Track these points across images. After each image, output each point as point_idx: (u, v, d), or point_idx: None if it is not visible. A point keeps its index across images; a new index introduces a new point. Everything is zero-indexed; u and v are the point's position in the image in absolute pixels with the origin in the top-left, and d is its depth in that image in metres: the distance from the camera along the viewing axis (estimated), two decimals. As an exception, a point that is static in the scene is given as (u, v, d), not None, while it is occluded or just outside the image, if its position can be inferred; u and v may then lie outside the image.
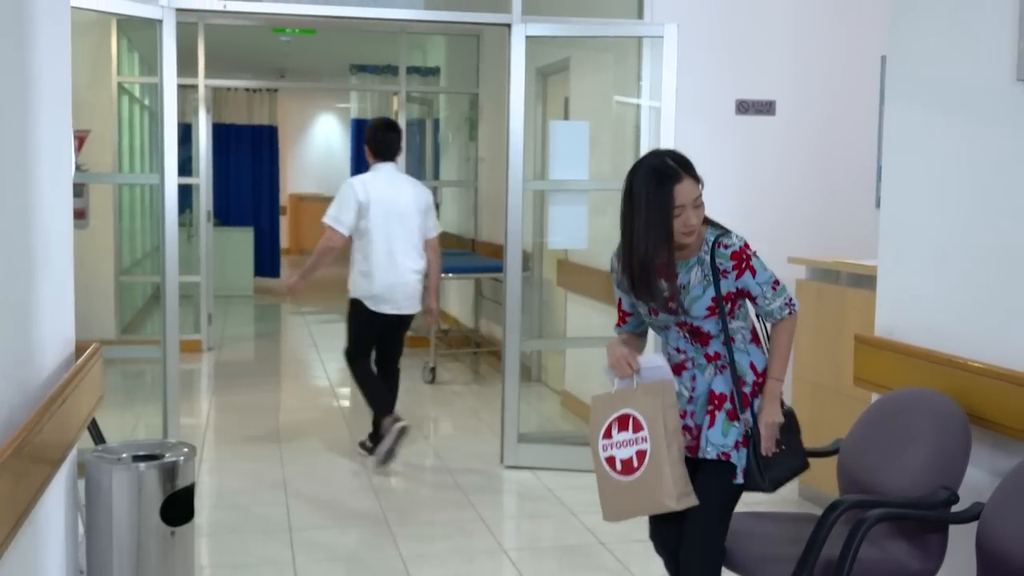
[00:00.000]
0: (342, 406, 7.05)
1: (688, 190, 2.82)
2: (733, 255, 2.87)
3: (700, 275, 2.89)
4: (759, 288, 2.90)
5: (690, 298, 2.89)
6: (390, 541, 4.35)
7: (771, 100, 5.60)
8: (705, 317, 2.89)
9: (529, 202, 6.88)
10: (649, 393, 2.83)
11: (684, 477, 2.80)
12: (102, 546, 2.96)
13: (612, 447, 2.84)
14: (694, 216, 2.82)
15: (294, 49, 11.82)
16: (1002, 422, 2.90)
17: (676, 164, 2.85)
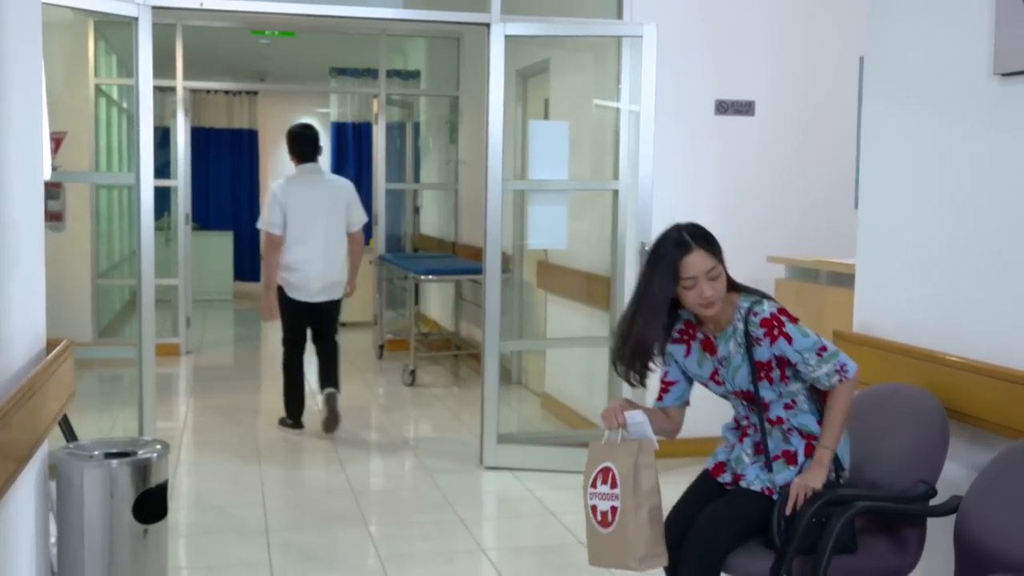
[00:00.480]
0: (322, 408, 6.99)
1: (699, 262, 2.77)
2: (763, 323, 2.80)
3: (736, 345, 2.86)
4: (798, 355, 2.79)
5: (732, 368, 2.88)
6: (368, 542, 4.31)
7: (750, 101, 5.60)
8: (751, 383, 2.86)
9: (509, 203, 6.87)
10: (627, 451, 2.80)
11: (651, 540, 2.78)
12: (73, 544, 2.91)
13: (595, 497, 2.83)
14: (708, 288, 2.78)
15: (274, 52, 11.76)
16: (980, 415, 2.90)
17: (690, 236, 2.80)
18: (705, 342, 2.94)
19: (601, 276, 5.80)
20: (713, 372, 2.94)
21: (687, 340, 2.97)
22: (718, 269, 2.80)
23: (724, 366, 2.89)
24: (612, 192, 5.58)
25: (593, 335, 5.98)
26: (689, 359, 2.97)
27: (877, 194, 3.53)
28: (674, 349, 2.99)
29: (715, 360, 2.92)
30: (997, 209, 2.94)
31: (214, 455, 5.72)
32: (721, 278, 2.82)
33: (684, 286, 2.78)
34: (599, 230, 5.95)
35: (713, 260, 2.79)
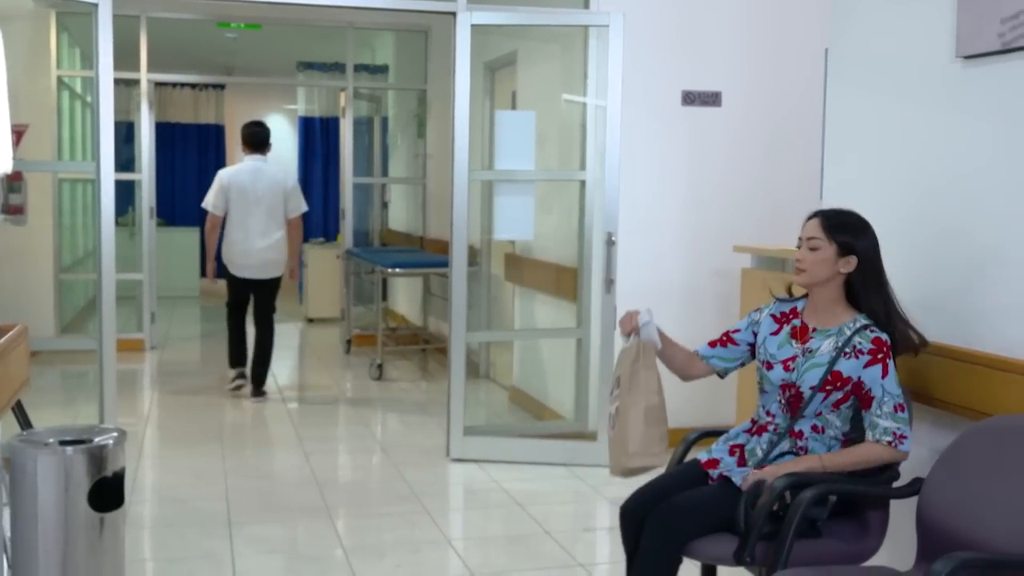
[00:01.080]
0: (287, 403, 6.94)
1: (809, 227, 2.89)
2: (875, 340, 2.79)
3: (832, 346, 2.84)
4: (881, 391, 2.75)
5: (810, 363, 2.85)
6: (332, 533, 4.27)
7: (717, 92, 5.60)
8: (812, 387, 2.82)
9: (477, 196, 6.84)
10: (628, 355, 2.89)
11: (646, 437, 2.81)
12: (28, 533, 2.86)
13: (610, 404, 2.95)
14: (803, 252, 2.87)
15: (241, 46, 11.66)
16: (942, 398, 2.91)
17: (826, 210, 2.93)
18: (801, 329, 2.92)
19: (569, 267, 5.78)
20: (788, 359, 2.89)
21: (783, 322, 2.98)
22: (819, 242, 2.83)
23: (805, 357, 2.86)
24: (579, 183, 5.56)
25: (561, 327, 5.97)
26: (773, 337, 2.97)
27: (841, 179, 3.54)
28: (764, 320, 3.02)
29: (800, 349, 2.88)
30: (958, 192, 2.94)
31: (178, 449, 5.65)
32: (818, 254, 2.83)
33: (797, 244, 2.92)
34: (566, 222, 5.93)
35: (820, 233, 2.84)
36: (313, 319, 10.47)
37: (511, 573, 3.90)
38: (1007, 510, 2.40)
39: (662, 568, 2.77)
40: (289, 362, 8.82)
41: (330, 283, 10.14)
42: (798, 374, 2.87)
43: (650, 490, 2.96)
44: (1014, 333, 2.71)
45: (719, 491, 2.88)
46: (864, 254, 2.84)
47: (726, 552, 2.76)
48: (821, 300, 2.90)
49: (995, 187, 2.80)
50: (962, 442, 2.63)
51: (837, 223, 2.86)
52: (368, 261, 8.29)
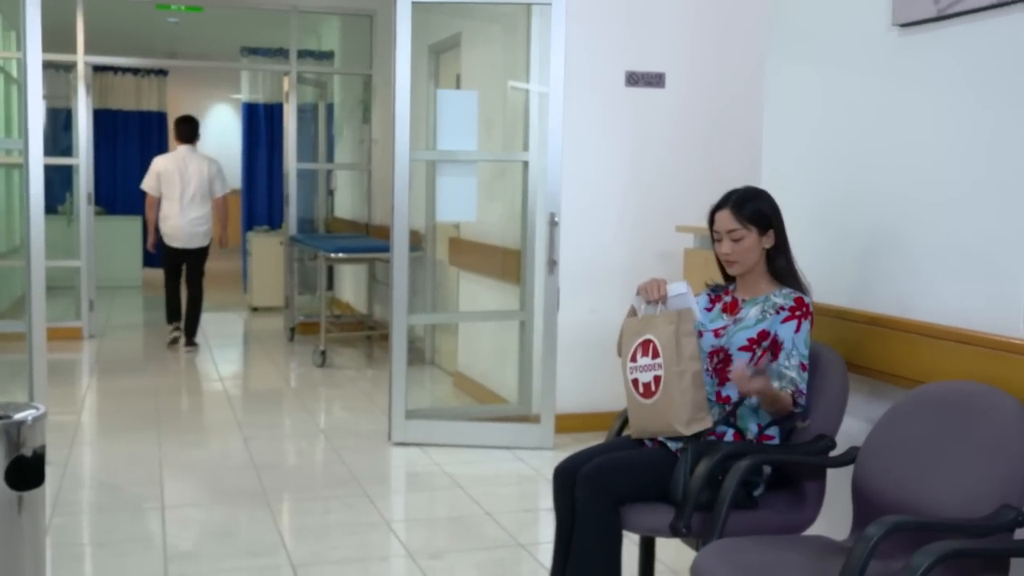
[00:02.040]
0: (228, 390, 6.83)
1: (723, 220, 2.94)
2: (797, 299, 2.87)
3: (759, 311, 2.90)
4: (791, 343, 2.82)
5: (739, 327, 2.90)
6: (268, 516, 4.18)
7: (661, 73, 5.57)
8: (740, 348, 2.87)
9: (421, 181, 6.78)
10: (668, 321, 2.85)
11: (696, 403, 2.80)
12: (-60, 513, 2.75)
13: (636, 370, 2.89)
14: (728, 246, 2.92)
15: (183, 32, 11.47)
16: (878, 368, 2.91)
17: (734, 196, 2.96)
18: (731, 304, 3.00)
19: (512, 250, 5.73)
20: (720, 328, 2.96)
21: (716, 300, 3.05)
22: (740, 233, 2.90)
23: (736, 325, 2.92)
24: (522, 164, 5.51)
25: (504, 307, 5.92)
26: (707, 312, 3.04)
27: (780, 153, 3.52)
28: (701, 298, 3.07)
29: (730, 320, 2.95)
30: (895, 162, 2.94)
31: (113, 436, 5.53)
32: (744, 243, 2.90)
33: (714, 238, 2.99)
34: (510, 204, 5.88)
35: (737, 224, 2.90)
36: (257, 308, 10.32)
37: (450, 553, 3.84)
38: (939, 476, 2.40)
39: (600, 523, 2.75)
40: (231, 351, 8.69)
41: (274, 271, 10.00)
42: (727, 339, 2.91)
43: (585, 453, 2.94)
44: (948, 301, 2.71)
45: (654, 454, 2.86)
46: (777, 224, 2.93)
47: (662, 523, 2.74)
48: (750, 278, 2.98)
49: (932, 155, 2.79)
50: (896, 411, 2.62)
51: (746, 206, 2.91)
52: (311, 247, 8.18)
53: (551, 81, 5.10)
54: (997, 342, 2.49)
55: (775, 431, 2.87)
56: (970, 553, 2.14)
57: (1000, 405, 2.35)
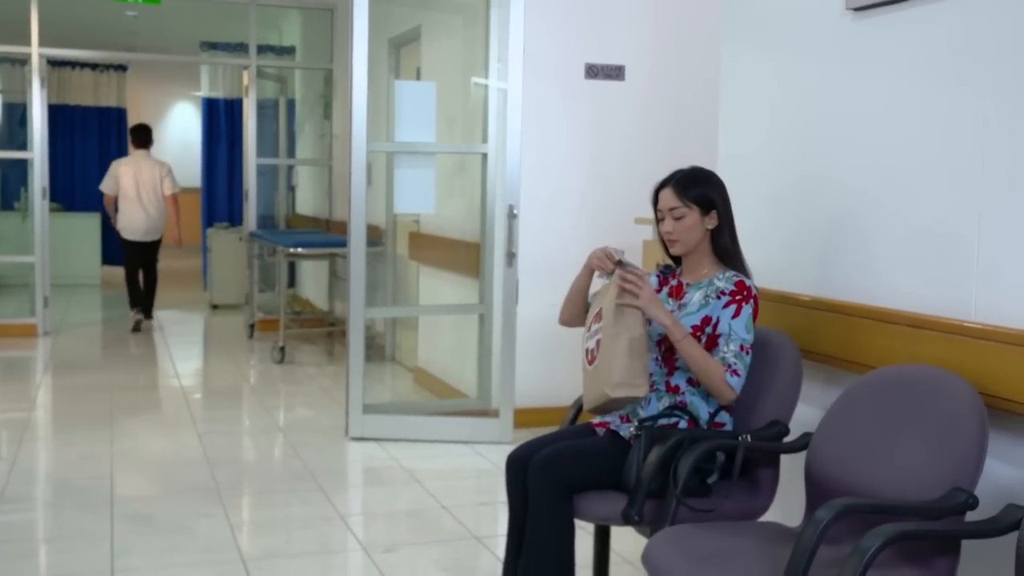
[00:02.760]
0: (184, 387, 6.73)
1: (665, 198, 2.90)
2: (738, 283, 2.82)
3: (703, 296, 2.86)
4: (728, 328, 2.78)
5: (684, 312, 2.86)
6: (220, 511, 4.11)
7: (620, 65, 5.55)
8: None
9: (382, 175, 6.71)
10: (612, 287, 2.82)
11: (629, 368, 2.71)
12: None
13: (587, 339, 2.87)
14: (670, 224, 2.89)
15: (142, 27, 11.33)
16: (832, 354, 2.89)
17: (678, 175, 2.92)
18: (677, 287, 2.96)
19: (472, 243, 5.68)
20: None
21: (665, 283, 3.01)
22: (682, 211, 2.86)
23: (680, 311, 2.87)
24: (481, 156, 5.47)
25: (461, 300, 5.88)
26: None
27: (735, 139, 3.51)
28: (651, 281, 3.02)
29: (676, 305, 2.91)
30: (850, 147, 2.92)
31: (65, 433, 5.42)
32: (685, 222, 2.86)
33: (657, 216, 2.95)
34: (470, 198, 5.84)
35: (678, 202, 2.86)
36: (218, 306, 10.21)
37: (404, 547, 3.79)
38: (891, 460, 2.37)
39: (553, 512, 2.72)
40: (189, 348, 8.58)
41: (235, 269, 9.89)
42: None
43: (538, 441, 2.90)
44: (902, 286, 2.69)
45: (606, 442, 2.83)
46: (722, 205, 2.89)
47: (615, 511, 2.70)
48: (693, 258, 2.94)
49: (886, 140, 2.78)
50: (848, 395, 2.59)
51: (689, 185, 2.88)
52: (271, 242, 8.09)
53: (510, 72, 5.06)
54: (950, 326, 2.48)
55: (726, 418, 2.85)
56: (920, 535, 2.12)
57: (952, 389, 2.33)
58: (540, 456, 2.77)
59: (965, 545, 2.24)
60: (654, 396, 2.88)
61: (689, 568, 2.27)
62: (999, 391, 2.31)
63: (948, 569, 2.21)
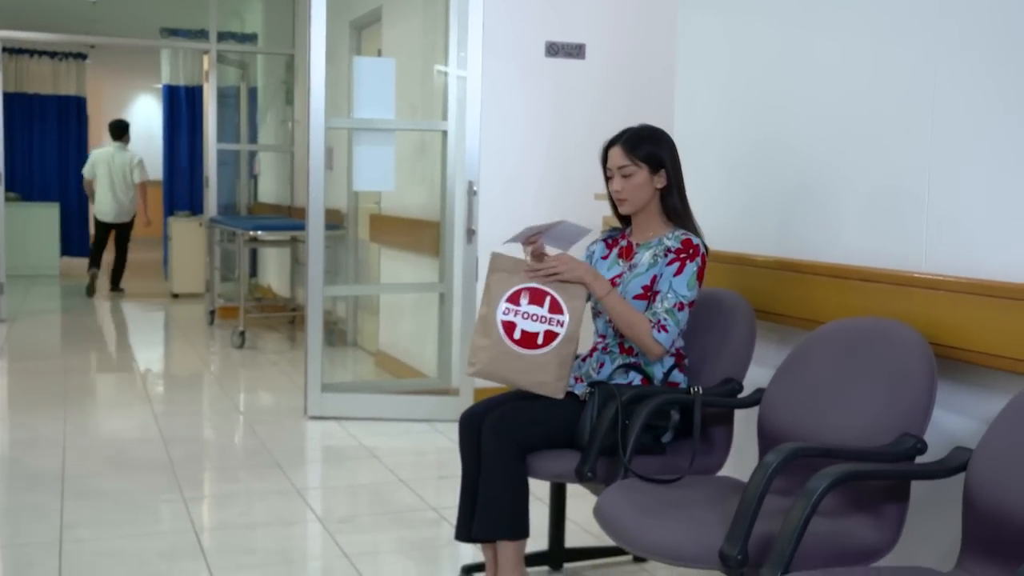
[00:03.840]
0: (141, 370, 6.64)
1: (614, 156, 2.87)
2: (684, 241, 2.81)
3: (652, 255, 2.84)
4: (667, 285, 2.77)
5: (633, 275, 2.84)
6: (174, 485, 4.05)
7: (581, 44, 5.54)
8: (635, 297, 2.80)
9: (343, 160, 6.66)
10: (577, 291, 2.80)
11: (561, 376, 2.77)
12: None
13: (516, 315, 2.78)
14: (618, 183, 2.86)
15: (102, 14, 11.19)
16: (786, 312, 2.89)
17: (626, 134, 2.90)
18: (626, 248, 2.94)
19: (433, 222, 5.65)
20: (616, 276, 2.89)
21: (613, 245, 3.00)
22: (631, 169, 2.84)
23: (631, 272, 2.86)
24: (441, 134, 5.44)
25: (421, 279, 5.85)
26: (604, 260, 2.98)
27: (690, 103, 3.50)
28: (597, 247, 3.04)
29: (627, 266, 2.89)
30: (801, 108, 2.92)
31: (16, 412, 5.33)
32: (634, 180, 2.85)
33: (606, 175, 2.92)
34: (431, 178, 5.80)
35: (627, 160, 2.84)
36: (179, 295, 10.10)
37: (361, 517, 3.75)
38: (841, 409, 2.37)
39: (507, 471, 2.70)
40: (148, 335, 8.48)
41: (196, 257, 9.79)
42: (623, 287, 2.85)
43: (492, 400, 2.89)
44: (855, 242, 2.69)
45: (560, 402, 2.80)
46: (671, 164, 2.88)
47: (568, 468, 2.68)
48: (643, 218, 2.92)
49: (838, 99, 2.78)
50: (800, 350, 2.59)
51: (639, 143, 2.86)
52: (230, 226, 8.01)
53: (469, 49, 5.03)
54: (900, 277, 2.48)
55: (680, 377, 2.84)
56: (868, 475, 2.11)
57: (902, 337, 2.33)
58: (494, 416, 2.75)
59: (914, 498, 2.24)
60: (608, 358, 2.87)
61: (640, 518, 2.25)
62: (948, 340, 2.32)
63: (897, 515, 2.21)
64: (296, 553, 3.44)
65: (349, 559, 3.29)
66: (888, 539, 2.20)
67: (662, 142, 2.88)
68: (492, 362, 2.78)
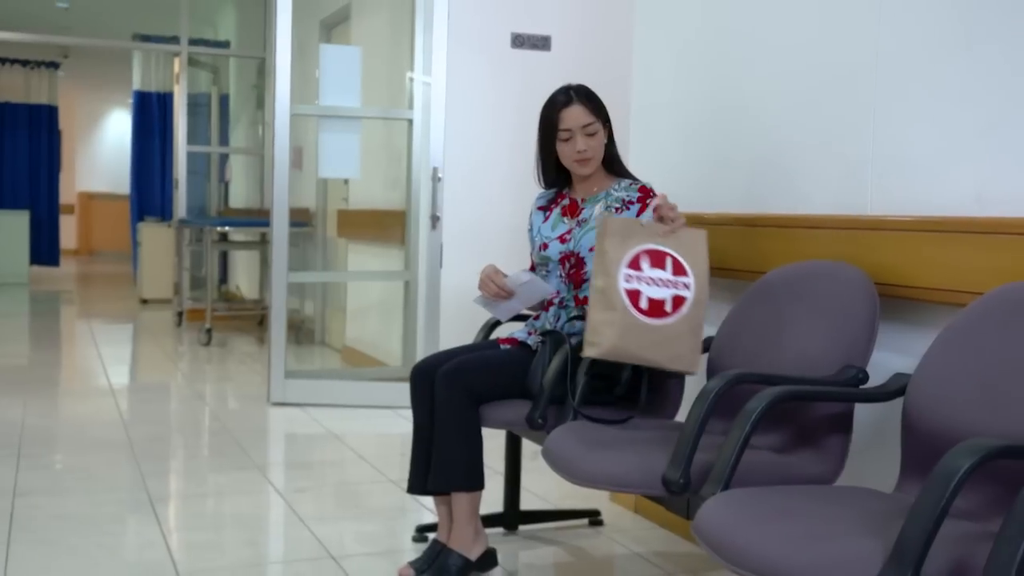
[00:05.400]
0: (105, 362, 6.59)
1: (576, 115, 2.82)
2: (641, 188, 2.83)
3: (602, 208, 2.83)
4: None
5: (585, 229, 2.84)
6: (131, 461, 4.02)
7: (547, 35, 5.58)
8: (591, 248, 2.76)
9: (312, 163, 6.66)
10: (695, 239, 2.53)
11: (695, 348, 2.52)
12: None
13: (639, 281, 2.46)
14: (583, 142, 2.81)
15: (74, 20, 11.20)
16: (737, 267, 2.91)
17: (574, 92, 2.85)
18: (570, 206, 2.93)
19: (398, 211, 5.66)
20: (564, 233, 2.88)
21: (550, 207, 2.98)
22: (595, 127, 2.82)
23: (580, 227, 2.85)
24: (407, 123, 5.46)
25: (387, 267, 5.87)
26: (545, 224, 2.96)
27: (648, 73, 3.54)
28: (535, 217, 3.02)
29: (573, 223, 2.88)
30: (752, 70, 2.96)
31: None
32: (598, 137, 2.84)
33: (561, 138, 2.84)
34: (397, 168, 5.82)
35: (592, 117, 2.81)
36: (148, 300, 10.05)
37: (319, 488, 3.74)
38: (785, 347, 2.40)
39: (460, 420, 2.70)
40: (114, 334, 8.41)
41: (165, 263, 9.75)
42: (575, 242, 2.86)
43: (444, 354, 2.89)
44: (805, 193, 2.72)
45: (512, 352, 2.82)
46: (610, 119, 2.90)
47: (519, 416, 2.69)
48: (588, 175, 2.91)
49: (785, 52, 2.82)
50: (746, 296, 2.63)
51: (591, 99, 2.86)
52: (198, 224, 8.00)
53: (434, 40, 5.07)
54: (845, 220, 2.51)
55: None
56: (806, 396, 2.13)
57: (845, 276, 2.36)
58: (447, 367, 2.75)
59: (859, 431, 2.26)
60: (564, 312, 2.89)
61: (585, 451, 2.26)
62: (891, 279, 2.35)
63: (840, 447, 2.23)
64: (251, 518, 3.42)
65: (304, 522, 3.28)
66: (831, 470, 2.22)
67: (597, 96, 2.90)
68: (620, 338, 2.43)
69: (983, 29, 2.21)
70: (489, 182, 5.49)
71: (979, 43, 2.21)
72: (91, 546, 3.01)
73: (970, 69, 2.23)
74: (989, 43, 2.19)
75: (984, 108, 2.20)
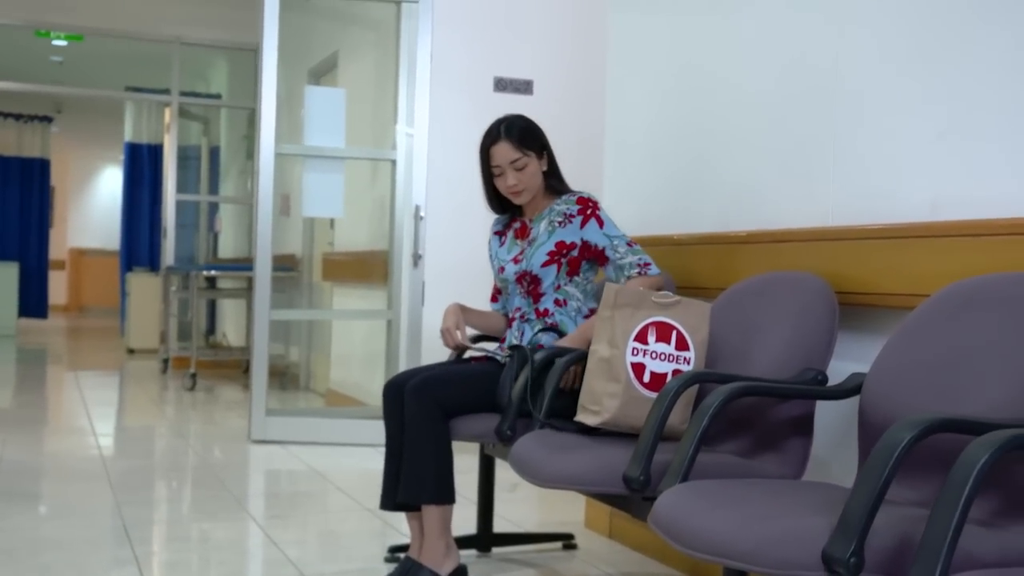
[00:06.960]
0: (88, 404, 6.58)
1: (503, 152, 2.92)
2: (579, 200, 2.91)
3: (547, 224, 2.93)
4: (607, 240, 2.86)
5: (535, 247, 2.92)
6: (106, 489, 4.01)
7: (529, 80, 5.68)
8: (543, 265, 2.88)
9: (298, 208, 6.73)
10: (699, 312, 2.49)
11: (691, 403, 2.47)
12: None
13: (645, 355, 2.42)
14: (512, 177, 2.91)
15: (67, 75, 11.35)
16: (704, 284, 2.96)
17: (503, 128, 2.95)
18: (521, 229, 3.03)
19: (381, 251, 5.72)
20: (517, 254, 2.97)
21: (505, 232, 3.09)
22: (524, 161, 2.91)
23: (531, 246, 2.93)
24: (391, 163, 5.54)
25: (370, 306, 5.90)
26: (502, 248, 3.06)
27: (621, 103, 3.61)
28: (493, 242, 3.12)
29: (524, 244, 2.97)
30: (720, 93, 3.03)
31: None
32: (528, 169, 2.93)
33: (494, 173, 2.96)
34: (380, 208, 5.89)
35: (519, 153, 2.91)
36: (135, 350, 10.04)
37: (293, 516, 3.74)
38: (747, 353, 2.43)
39: (430, 434, 2.72)
40: (99, 379, 8.39)
41: (153, 312, 9.77)
42: (527, 261, 2.94)
43: (415, 370, 2.92)
44: (767, 208, 2.78)
45: (482, 367, 2.85)
46: (547, 145, 3.00)
47: (489, 428, 2.71)
48: (532, 201, 3.01)
49: (751, 72, 2.89)
50: (712, 309, 2.66)
51: (520, 134, 2.95)
52: (185, 270, 8.04)
53: (417, 80, 5.16)
54: (807, 233, 2.56)
55: None
56: (765, 391, 2.16)
57: (806, 284, 2.41)
58: (416, 380, 2.78)
59: (820, 432, 2.29)
60: (527, 326, 2.93)
61: (548, 454, 2.28)
62: (851, 287, 2.39)
63: (802, 450, 2.26)
64: (224, 541, 3.41)
65: (278, 546, 3.27)
66: (793, 472, 2.24)
67: (534, 127, 3.00)
68: (621, 410, 2.41)
69: (936, 44, 2.28)
70: (471, 221, 5.53)
71: (932, 58, 2.28)
72: (62, 565, 3.00)
73: (924, 82, 2.30)
74: (941, 58, 2.26)
75: (935, 119, 2.26)
